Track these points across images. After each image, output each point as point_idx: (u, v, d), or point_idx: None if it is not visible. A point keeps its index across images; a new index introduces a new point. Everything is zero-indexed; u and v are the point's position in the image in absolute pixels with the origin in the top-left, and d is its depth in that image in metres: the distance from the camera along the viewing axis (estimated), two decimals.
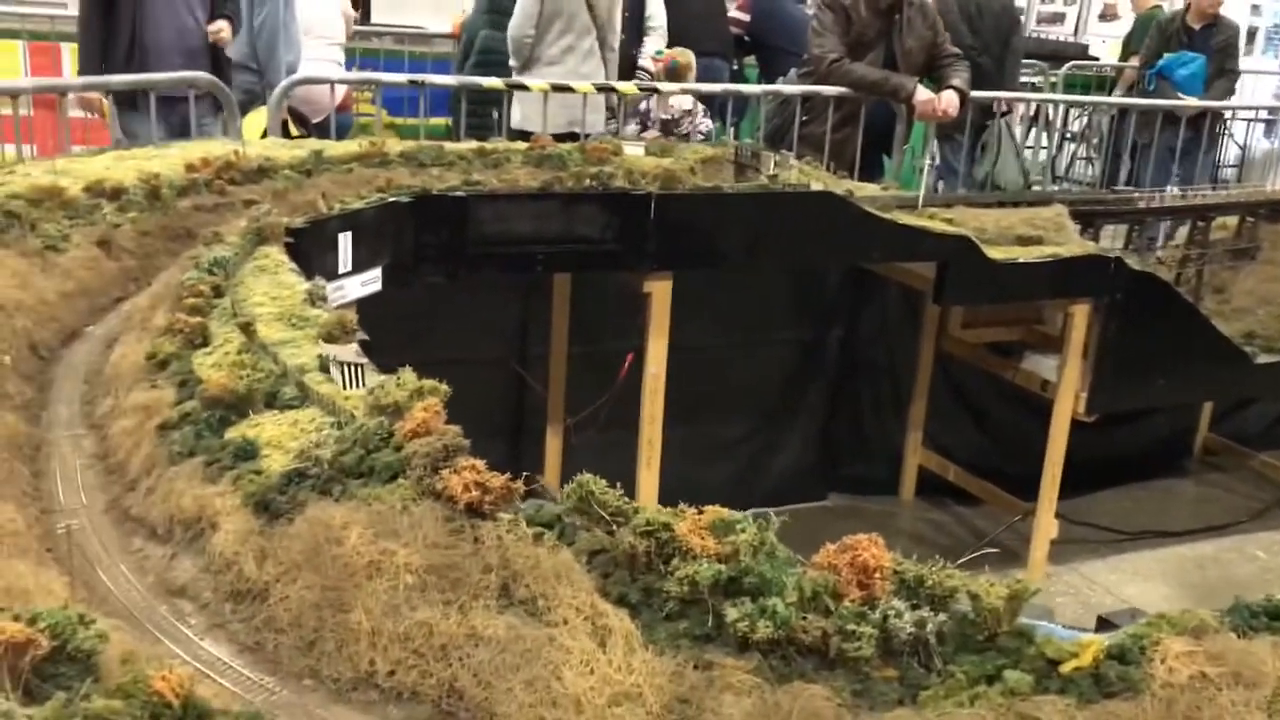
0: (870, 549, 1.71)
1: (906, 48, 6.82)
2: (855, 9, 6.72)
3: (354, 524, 1.84)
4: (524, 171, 4.89)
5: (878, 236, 4.93)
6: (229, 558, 1.94)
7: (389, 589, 1.77)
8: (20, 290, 3.01)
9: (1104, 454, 6.53)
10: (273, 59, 6.28)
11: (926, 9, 6.94)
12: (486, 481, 1.85)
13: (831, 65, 6.64)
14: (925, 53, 6.90)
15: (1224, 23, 9.37)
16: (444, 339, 5.44)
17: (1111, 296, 5.31)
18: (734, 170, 5.44)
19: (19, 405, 2.57)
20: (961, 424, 6.66)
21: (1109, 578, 5.91)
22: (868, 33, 6.75)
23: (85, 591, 1.95)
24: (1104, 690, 1.60)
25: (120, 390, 2.61)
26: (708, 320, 5.82)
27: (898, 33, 6.80)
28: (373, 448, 1.99)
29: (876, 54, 6.79)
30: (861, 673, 1.66)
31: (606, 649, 1.69)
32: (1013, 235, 5.30)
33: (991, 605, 1.68)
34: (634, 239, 4.58)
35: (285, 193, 4.20)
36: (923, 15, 6.90)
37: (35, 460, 2.42)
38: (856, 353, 6.51)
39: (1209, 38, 9.22)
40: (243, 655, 1.83)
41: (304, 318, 2.68)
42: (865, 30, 6.74)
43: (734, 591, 1.73)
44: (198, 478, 2.13)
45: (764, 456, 6.47)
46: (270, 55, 6.29)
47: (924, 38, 6.88)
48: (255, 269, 3.06)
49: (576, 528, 1.86)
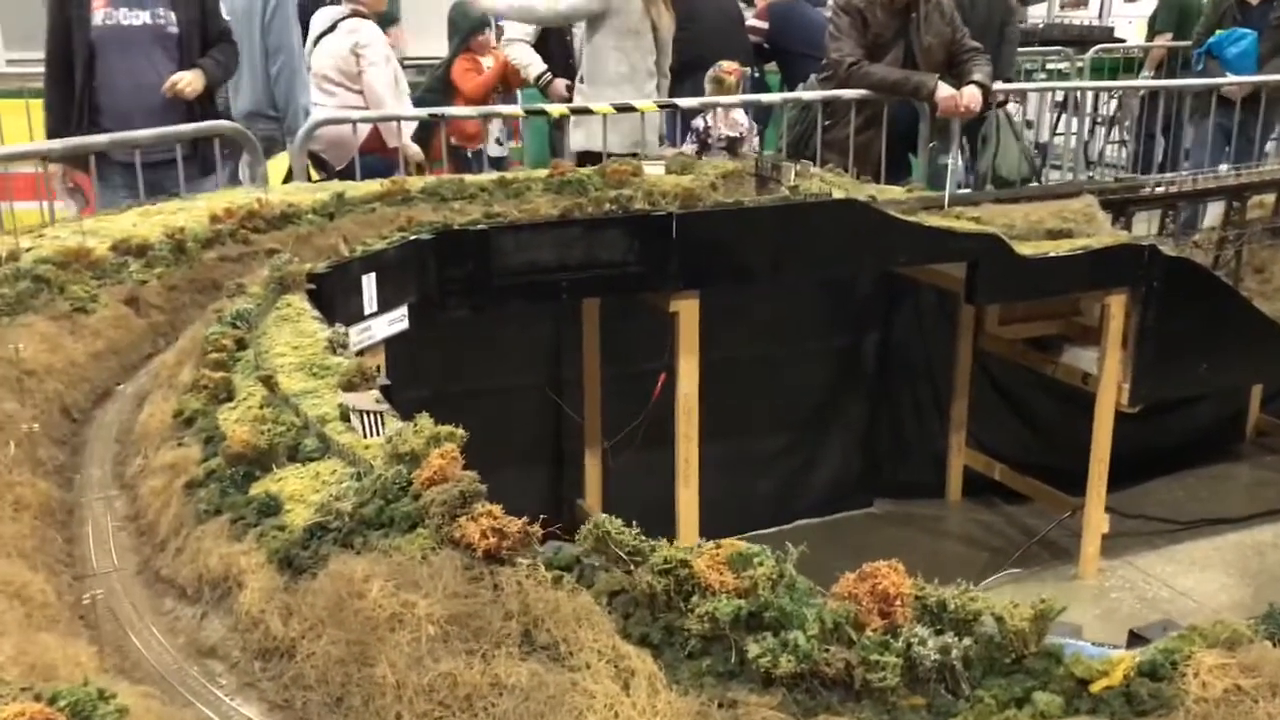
0: (890, 576, 1.69)
1: (925, 45, 6.76)
2: (871, 10, 6.68)
3: (375, 576, 1.85)
4: (545, 199, 4.91)
5: (904, 240, 4.89)
6: (255, 616, 1.95)
7: (412, 641, 1.77)
8: (50, 354, 3.07)
9: (1152, 443, 6.43)
10: (291, 104, 6.37)
11: (943, 5, 6.88)
12: (504, 527, 1.85)
13: (850, 68, 6.60)
14: (945, 49, 6.84)
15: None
16: (480, 369, 5.48)
17: (1148, 284, 5.23)
18: (755, 183, 5.42)
19: (51, 471, 2.62)
20: (1004, 422, 6.57)
21: (1165, 569, 5.79)
22: (885, 33, 6.71)
23: (118, 656, 1.97)
24: (1136, 708, 1.56)
25: (149, 449, 2.64)
26: (741, 334, 5.81)
27: (915, 30, 6.75)
28: (391, 497, 2.00)
29: (896, 53, 6.74)
30: (888, 702, 1.63)
31: (630, 691, 1.68)
32: (1042, 229, 5.25)
33: (1017, 626, 1.65)
34: (657, 260, 4.58)
35: (309, 237, 4.25)
36: (940, 12, 6.85)
37: (69, 525, 2.46)
38: (894, 357, 6.45)
39: (1267, 13, 8.71)
40: (273, 714, 1.84)
41: (325, 366, 2.70)
42: (883, 31, 6.70)
43: (755, 626, 1.71)
44: (224, 536, 2.15)
45: (806, 467, 6.43)
46: (289, 101, 6.38)
47: (943, 34, 6.82)
48: (278, 319, 3.09)
49: (595, 569, 1.86)
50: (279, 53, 6.30)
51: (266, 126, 6.36)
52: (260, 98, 6.41)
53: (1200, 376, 5.60)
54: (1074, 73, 10.99)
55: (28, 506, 2.31)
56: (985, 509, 6.42)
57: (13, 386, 2.79)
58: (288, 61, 6.32)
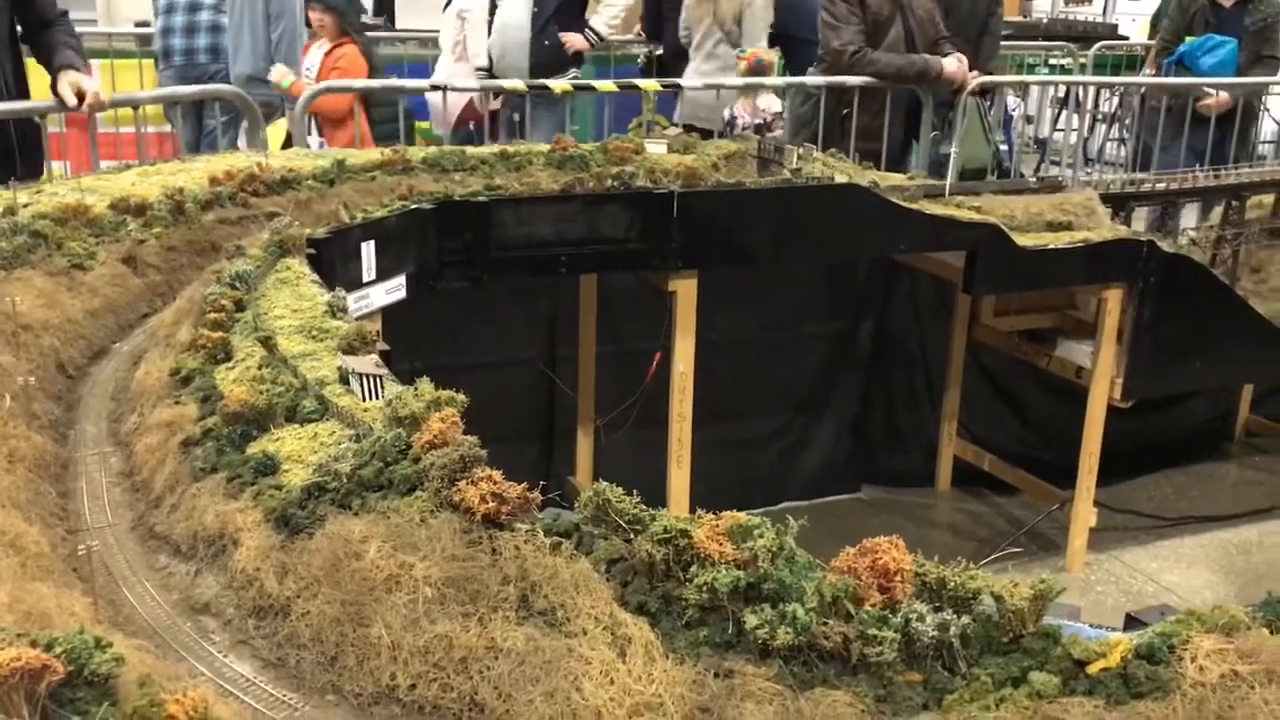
0: (891, 551, 1.69)
1: (919, 19, 6.72)
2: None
3: (373, 537, 1.85)
4: (546, 174, 4.88)
5: (904, 227, 4.89)
6: (250, 574, 1.95)
7: (408, 602, 1.77)
8: (47, 309, 3.05)
9: (1142, 439, 6.45)
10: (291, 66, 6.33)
11: None
12: (503, 492, 1.84)
13: (854, 57, 6.53)
14: (932, 26, 6.78)
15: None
16: (474, 343, 5.47)
17: (1144, 280, 5.23)
18: (757, 165, 5.41)
19: (46, 425, 2.60)
20: (996, 413, 6.59)
21: (1150, 565, 5.82)
22: (882, 12, 6.64)
23: (110, 610, 1.96)
24: (1133, 691, 1.57)
25: (145, 407, 2.63)
26: (737, 315, 5.80)
27: (909, 7, 6.69)
28: (391, 460, 1.99)
29: (896, 31, 6.64)
30: (884, 677, 1.64)
31: (626, 659, 1.68)
32: (1042, 221, 5.24)
33: (1016, 606, 1.65)
34: (657, 238, 4.56)
35: (308, 203, 4.23)
36: None
37: (63, 479, 2.44)
38: (888, 344, 6.45)
39: (1241, 17, 7.70)
40: (266, 672, 1.83)
41: (324, 329, 2.69)
42: (879, 12, 6.63)
43: (753, 598, 1.71)
44: (220, 494, 2.14)
45: (797, 450, 6.44)
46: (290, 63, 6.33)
47: (929, 9, 6.76)
48: (277, 281, 3.07)
49: (594, 536, 1.85)
50: (280, 18, 6.26)
51: (266, 92, 6.32)
52: (260, 63, 6.36)
53: (1193, 374, 5.61)
54: (1076, 69, 10.97)
55: (22, 459, 2.30)
56: (974, 499, 6.45)
57: (8, 340, 2.77)
58: (289, 26, 6.29)
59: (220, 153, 5.19)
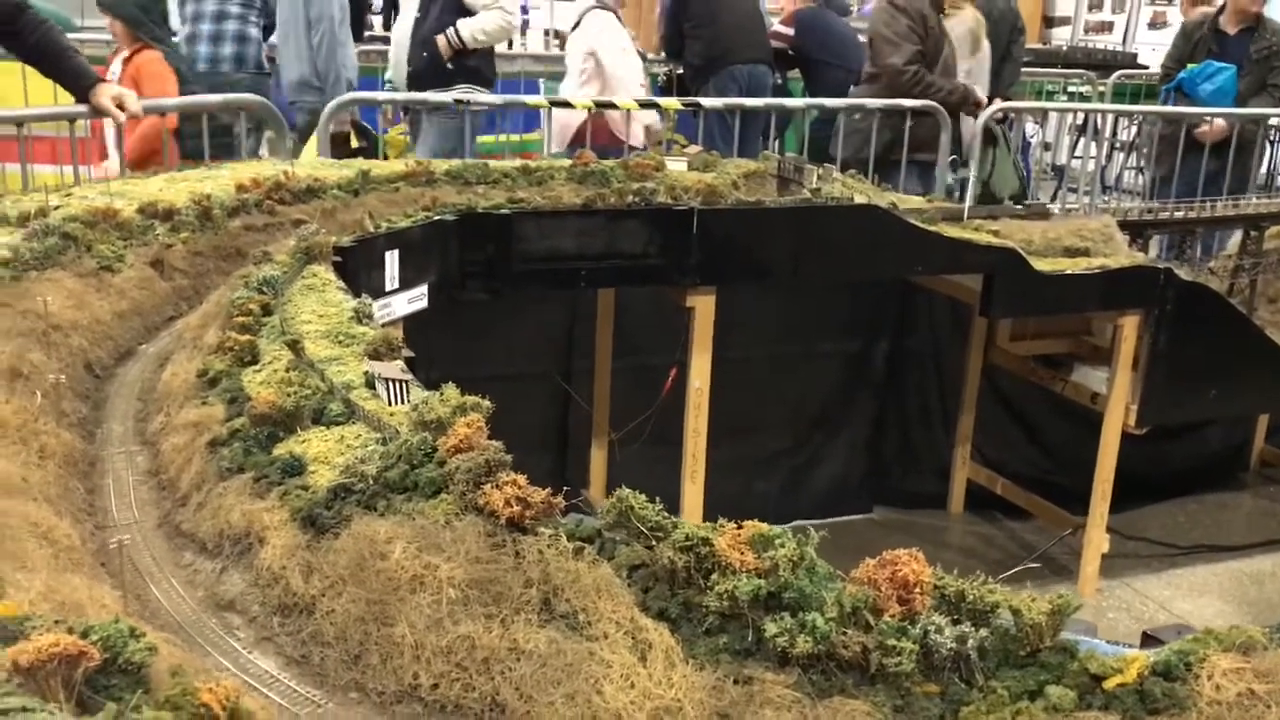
0: (911, 564, 1.71)
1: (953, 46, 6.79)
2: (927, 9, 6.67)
3: (398, 538, 1.87)
4: (568, 188, 4.93)
5: (922, 249, 4.91)
6: (276, 572, 1.97)
7: (432, 603, 1.79)
8: (76, 310, 3.09)
9: (1156, 467, 6.44)
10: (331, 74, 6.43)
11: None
12: (528, 496, 1.87)
13: (913, 76, 6.52)
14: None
15: (1267, 26, 7.70)
16: (491, 355, 5.50)
17: (1161, 307, 5.25)
18: (776, 184, 5.44)
19: (75, 423, 2.64)
20: (1010, 437, 6.59)
21: (1162, 593, 5.81)
22: (935, 31, 6.71)
23: (137, 604, 1.99)
24: (1149, 707, 1.58)
25: (172, 407, 2.66)
26: (753, 333, 5.83)
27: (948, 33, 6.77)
28: (416, 463, 2.02)
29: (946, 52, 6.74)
30: (902, 688, 1.65)
31: (647, 663, 1.70)
32: (1060, 247, 5.26)
33: (1034, 620, 1.67)
34: (676, 254, 4.60)
35: (333, 211, 4.28)
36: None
37: (90, 476, 2.48)
38: (903, 365, 6.47)
39: (1245, 45, 7.63)
40: (290, 668, 1.86)
41: (350, 335, 2.73)
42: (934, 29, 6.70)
43: (774, 606, 1.73)
44: (246, 493, 2.17)
45: (809, 469, 6.45)
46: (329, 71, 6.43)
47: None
48: (303, 287, 3.11)
49: (616, 542, 1.87)
50: (319, 22, 6.37)
51: (314, 98, 6.43)
52: (306, 68, 6.48)
53: (1209, 402, 5.61)
54: (1095, 97, 11.00)
55: (52, 455, 2.33)
56: (986, 523, 6.45)
57: (39, 339, 2.81)
58: (328, 30, 6.38)
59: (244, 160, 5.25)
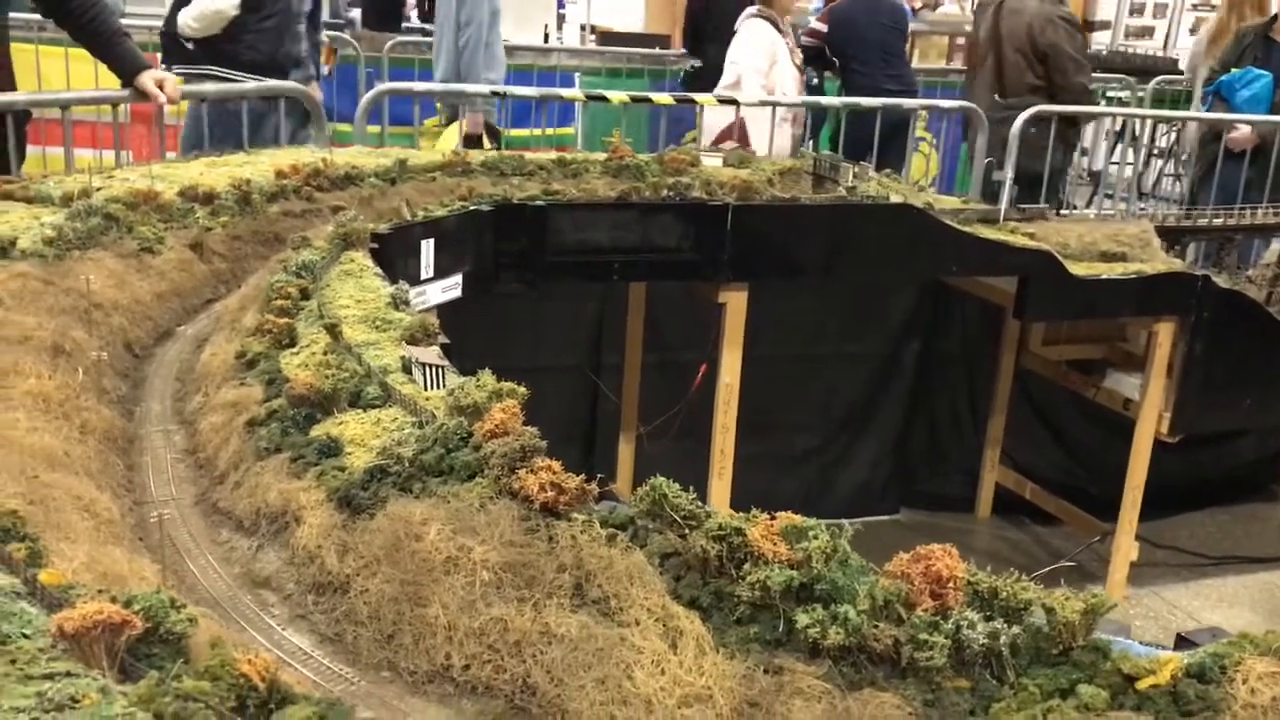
0: (944, 559, 1.71)
1: None
2: None
3: (433, 520, 1.89)
4: (602, 181, 4.94)
5: (957, 250, 4.89)
6: (312, 551, 1.99)
7: (466, 585, 1.81)
8: (117, 290, 3.13)
9: (1188, 476, 6.38)
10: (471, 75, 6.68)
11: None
12: (562, 482, 1.88)
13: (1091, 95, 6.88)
14: None
15: None
16: (520, 346, 5.52)
17: (1198, 314, 5.20)
18: (812, 182, 5.43)
19: (114, 401, 2.67)
20: (1040, 442, 6.55)
21: (1191, 603, 5.76)
22: None
23: (174, 580, 2.02)
24: (1182, 709, 1.57)
25: (210, 387, 2.69)
26: (783, 332, 5.82)
27: None
28: (452, 447, 2.04)
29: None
30: (933, 682, 1.65)
31: (678, 650, 1.71)
32: (1096, 251, 5.23)
33: (1067, 619, 1.66)
34: (710, 249, 4.60)
35: (370, 199, 4.31)
36: None
37: (129, 453, 2.51)
38: (933, 367, 6.44)
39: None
40: (323, 646, 1.88)
41: (387, 320, 2.75)
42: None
43: (805, 598, 1.73)
44: (283, 473, 2.19)
45: (836, 469, 6.44)
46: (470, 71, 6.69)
47: None
48: (341, 273, 3.13)
49: (649, 530, 1.88)
50: (468, 25, 6.66)
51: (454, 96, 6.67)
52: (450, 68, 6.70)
53: (1243, 412, 5.56)
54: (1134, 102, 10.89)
55: (93, 431, 2.37)
56: (1014, 528, 6.41)
57: (81, 317, 2.85)
58: (475, 34, 6.67)
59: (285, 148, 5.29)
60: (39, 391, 2.31)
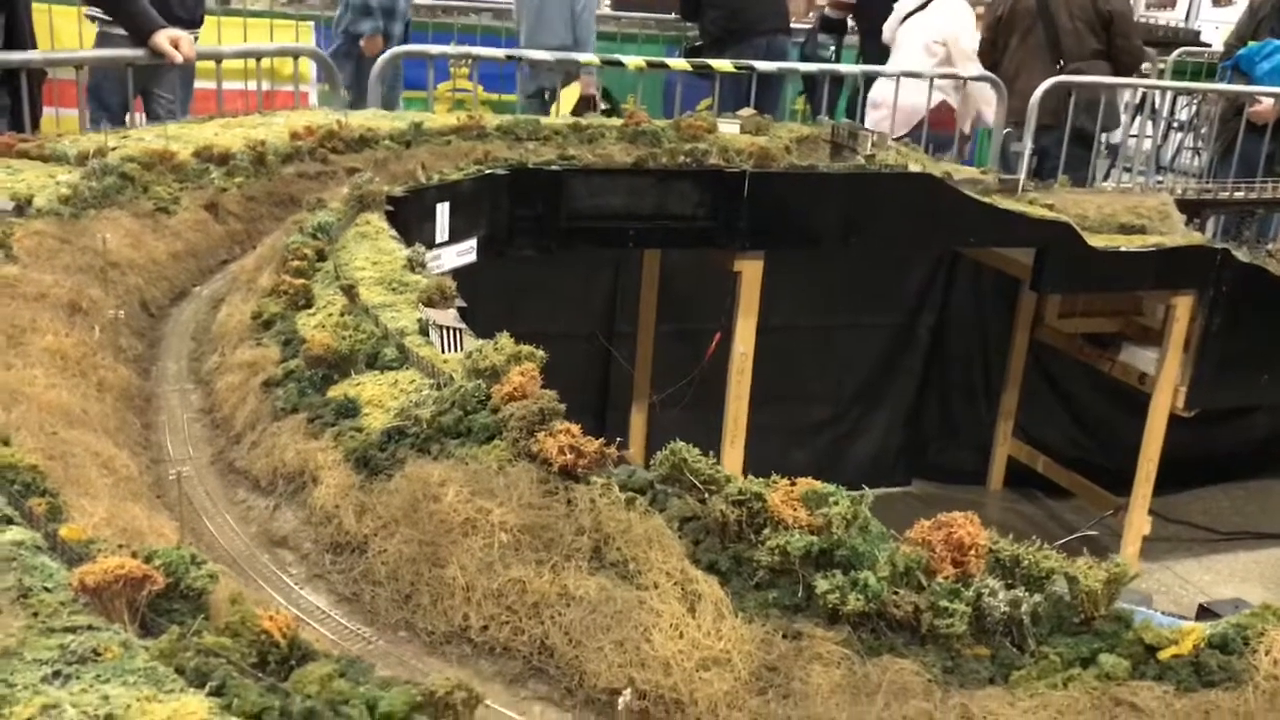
0: (966, 526, 1.70)
1: None
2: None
3: (451, 482, 1.88)
4: (619, 147, 4.90)
5: (975, 220, 4.85)
6: (329, 511, 1.99)
7: (484, 546, 1.80)
8: (133, 249, 3.12)
9: (1201, 450, 6.36)
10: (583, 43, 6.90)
11: None
12: (581, 445, 1.87)
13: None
14: None
15: None
16: (533, 312, 5.50)
17: (1217, 289, 5.16)
18: (830, 150, 5.39)
19: (131, 359, 2.67)
20: (1054, 415, 6.52)
21: (1203, 577, 5.75)
22: None
23: (192, 538, 2.02)
24: (1204, 679, 1.56)
25: (226, 348, 2.69)
26: (797, 302, 5.79)
27: None
28: (470, 409, 2.03)
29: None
30: (953, 650, 1.65)
31: (696, 614, 1.70)
32: (1115, 223, 5.19)
33: (1089, 588, 1.65)
34: (726, 217, 4.57)
35: (385, 162, 4.28)
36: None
37: (145, 412, 2.51)
38: (947, 339, 6.41)
39: None
40: (341, 605, 1.88)
41: (404, 282, 2.73)
42: None
43: (825, 563, 1.72)
44: (300, 433, 2.19)
45: (848, 440, 6.43)
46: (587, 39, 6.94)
47: None
48: (357, 235, 3.12)
49: (668, 494, 1.87)
50: None
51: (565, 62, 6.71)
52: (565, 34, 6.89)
53: (1260, 388, 5.53)
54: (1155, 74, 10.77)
55: (110, 389, 2.36)
56: (1025, 500, 6.40)
57: (97, 275, 2.85)
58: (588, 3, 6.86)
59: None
60: (56, 349, 2.31)
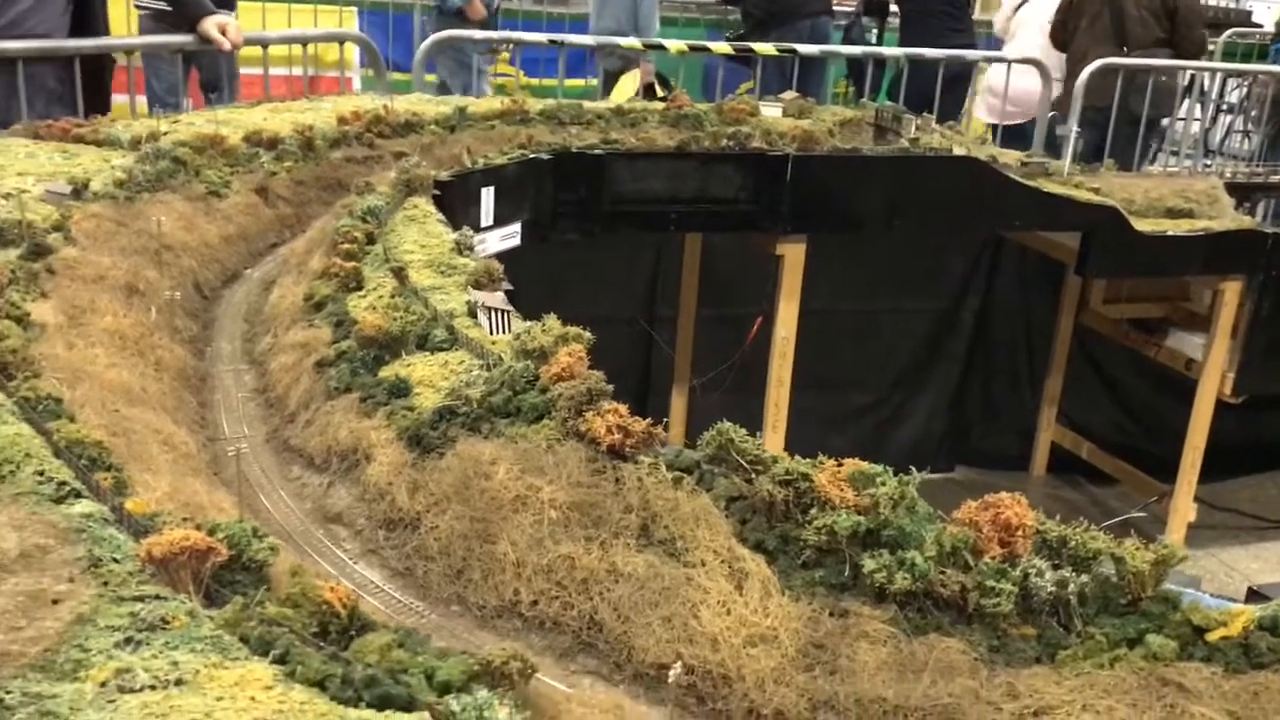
0: (1014, 507, 1.70)
1: None
2: None
3: (502, 460, 1.91)
4: (661, 131, 4.91)
5: (1020, 204, 4.82)
6: (383, 488, 2.03)
7: (534, 523, 1.83)
8: (186, 232, 3.18)
9: (1249, 438, 6.28)
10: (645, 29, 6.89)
11: None
12: (629, 425, 1.89)
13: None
14: None
15: None
16: (574, 296, 5.51)
17: (1267, 273, 5.09)
18: (873, 133, 5.37)
19: (186, 340, 2.72)
20: (1098, 401, 6.47)
21: (1250, 565, 5.69)
22: None
23: (249, 513, 2.06)
24: (1253, 661, 1.57)
25: (279, 329, 2.74)
26: (839, 286, 5.78)
27: None
28: (519, 389, 2.06)
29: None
30: (999, 629, 1.66)
31: (743, 592, 1.72)
32: (1163, 207, 5.13)
33: (1136, 569, 1.66)
34: (769, 200, 4.57)
35: (430, 147, 4.32)
36: None
37: (201, 391, 2.56)
38: (991, 323, 6.37)
39: None
40: (394, 580, 1.92)
41: (452, 265, 2.76)
42: None
43: (872, 543, 1.74)
44: (354, 412, 2.23)
45: (890, 425, 6.41)
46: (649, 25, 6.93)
47: None
48: (405, 218, 3.15)
49: (715, 474, 1.89)
50: None
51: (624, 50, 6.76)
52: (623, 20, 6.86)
53: None
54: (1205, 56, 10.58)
55: (167, 369, 2.42)
56: (1069, 487, 6.36)
57: (152, 258, 2.90)
58: None
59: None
60: (115, 329, 2.36)
